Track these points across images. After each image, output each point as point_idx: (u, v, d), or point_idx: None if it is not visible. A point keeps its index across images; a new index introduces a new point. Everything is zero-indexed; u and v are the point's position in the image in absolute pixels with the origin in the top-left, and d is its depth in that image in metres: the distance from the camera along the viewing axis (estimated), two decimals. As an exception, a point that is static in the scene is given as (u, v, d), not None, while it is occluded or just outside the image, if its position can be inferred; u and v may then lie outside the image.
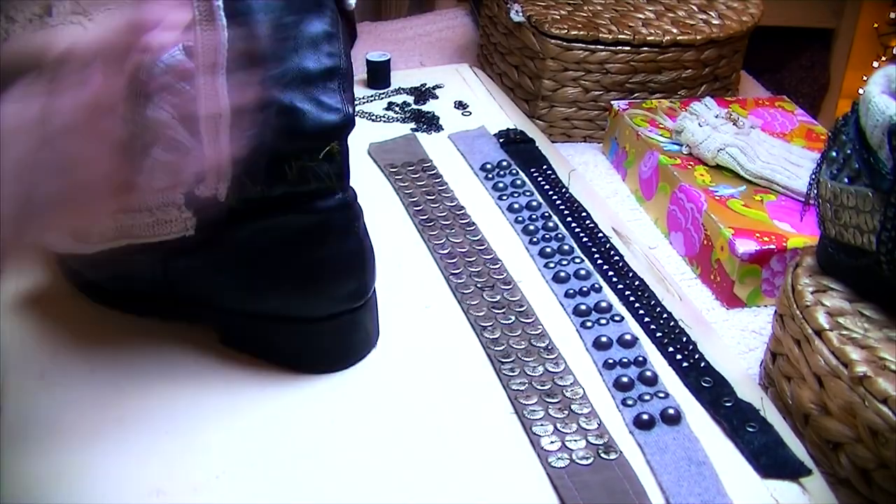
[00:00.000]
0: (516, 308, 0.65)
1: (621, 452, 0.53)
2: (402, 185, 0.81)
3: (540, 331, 0.63)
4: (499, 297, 0.66)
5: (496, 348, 0.62)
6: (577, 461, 0.53)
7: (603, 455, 0.53)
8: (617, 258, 0.72)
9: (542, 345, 0.62)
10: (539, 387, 0.58)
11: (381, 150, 0.88)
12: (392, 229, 0.73)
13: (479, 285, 0.68)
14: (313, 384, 0.58)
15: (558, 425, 0.55)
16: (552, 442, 0.54)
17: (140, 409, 0.55)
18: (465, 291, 0.67)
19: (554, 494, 0.51)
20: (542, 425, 0.55)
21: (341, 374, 0.59)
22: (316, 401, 0.57)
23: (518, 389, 0.58)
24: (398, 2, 1.75)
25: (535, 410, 0.56)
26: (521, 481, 0.52)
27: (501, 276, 0.69)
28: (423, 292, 0.68)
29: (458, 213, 0.77)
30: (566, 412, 0.56)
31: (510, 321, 0.64)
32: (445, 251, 0.72)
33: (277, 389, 0.57)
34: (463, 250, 0.72)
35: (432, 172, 0.83)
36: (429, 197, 0.79)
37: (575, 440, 0.54)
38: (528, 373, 0.59)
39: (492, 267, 0.70)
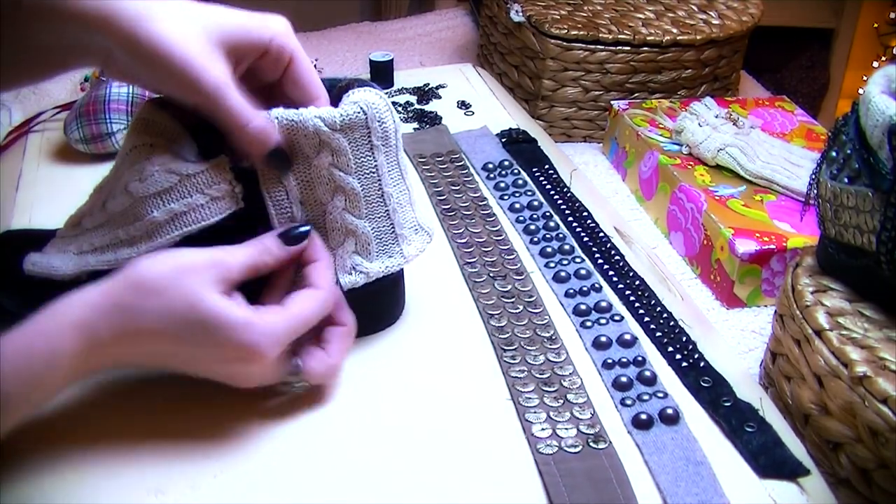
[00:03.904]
0: (525, 298, 0.66)
1: (611, 443, 0.54)
2: (429, 174, 0.82)
3: (546, 321, 0.64)
4: (510, 287, 0.67)
5: (501, 336, 0.62)
6: (566, 449, 0.53)
7: (592, 444, 0.53)
8: (618, 258, 0.72)
9: (547, 335, 0.62)
10: (538, 375, 0.59)
11: (412, 140, 0.89)
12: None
13: (491, 275, 0.69)
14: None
15: (551, 413, 0.56)
16: (543, 429, 0.55)
17: (139, 409, 0.55)
18: (478, 280, 0.68)
19: (539, 480, 0.52)
20: (535, 412, 0.56)
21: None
22: (313, 397, 0.57)
23: (517, 377, 0.59)
24: (398, 2, 1.75)
25: (530, 398, 0.57)
26: (509, 466, 0.53)
27: (515, 267, 0.70)
28: (435, 281, 0.68)
29: (480, 203, 0.78)
30: (561, 401, 0.57)
31: (518, 310, 0.65)
32: (463, 240, 0.73)
33: (274, 387, 0.57)
34: (480, 240, 0.73)
35: (460, 164, 0.84)
36: (453, 187, 0.80)
37: (566, 429, 0.55)
38: (529, 361, 0.60)
39: (507, 258, 0.71)
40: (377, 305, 0.62)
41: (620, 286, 0.69)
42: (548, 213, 0.77)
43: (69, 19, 0.49)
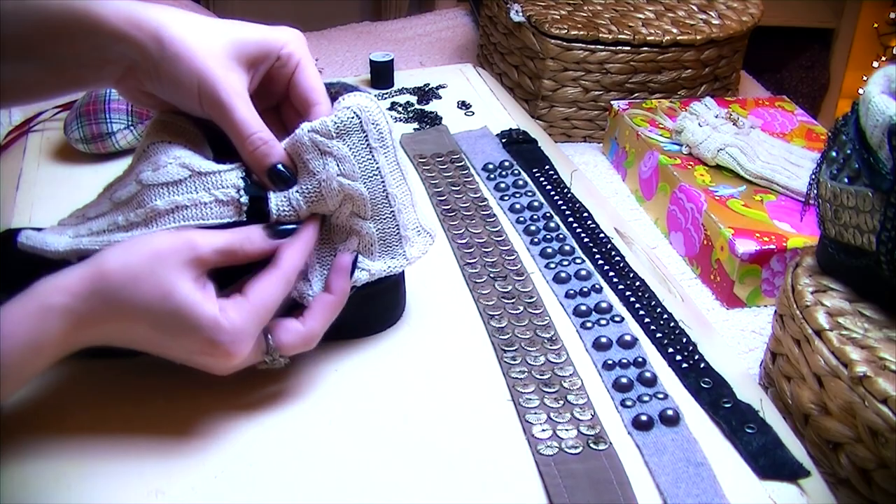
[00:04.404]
0: (526, 299, 0.66)
1: (611, 444, 0.54)
2: (429, 175, 0.82)
3: (546, 322, 0.64)
4: (510, 288, 0.67)
5: (501, 337, 0.62)
6: (566, 450, 0.53)
7: (592, 445, 0.53)
8: (618, 258, 0.72)
9: (547, 335, 0.62)
10: (538, 376, 0.59)
11: (413, 140, 0.89)
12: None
13: (491, 275, 0.69)
14: (310, 379, 0.58)
15: (552, 414, 0.56)
16: (544, 430, 0.55)
17: (139, 409, 0.55)
18: (478, 281, 0.68)
19: (539, 481, 0.52)
20: (535, 413, 0.56)
21: (339, 368, 0.59)
22: (313, 398, 0.57)
23: (517, 378, 0.59)
24: (398, 2, 1.75)
25: (530, 399, 0.57)
26: (509, 467, 0.53)
27: (515, 268, 0.70)
28: (435, 281, 0.68)
29: (480, 204, 0.78)
30: (561, 402, 0.57)
31: (518, 311, 0.65)
32: (463, 241, 0.73)
33: (275, 388, 0.57)
34: (481, 241, 0.73)
35: (460, 164, 0.84)
36: (453, 188, 0.80)
37: (567, 430, 0.55)
38: (530, 362, 0.60)
39: (507, 258, 0.71)
40: (378, 306, 0.62)
41: (621, 287, 0.69)
42: (548, 214, 0.77)
43: (94, 29, 0.50)
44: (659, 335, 0.64)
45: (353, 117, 0.54)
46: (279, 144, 0.54)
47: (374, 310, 0.61)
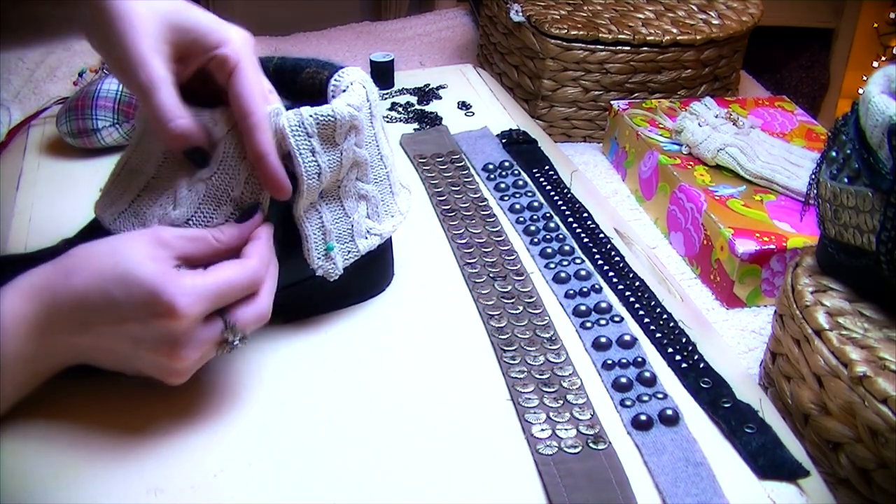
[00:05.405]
0: (525, 299, 0.66)
1: (610, 444, 0.54)
2: (429, 175, 0.83)
3: (546, 322, 0.64)
4: (510, 288, 0.67)
5: (500, 336, 0.62)
6: (566, 449, 0.53)
7: (591, 445, 0.53)
8: (618, 259, 0.72)
9: (547, 335, 0.62)
10: (538, 376, 0.59)
11: (413, 140, 0.89)
12: (412, 218, 0.74)
13: (491, 275, 0.69)
14: (311, 379, 0.58)
15: (551, 414, 0.56)
16: (543, 430, 0.55)
17: (138, 408, 0.55)
18: (478, 281, 0.68)
19: (538, 480, 0.52)
20: (535, 413, 0.56)
21: (339, 368, 0.59)
22: (314, 398, 0.57)
23: (516, 377, 0.59)
24: (398, 2, 1.75)
25: (530, 398, 0.57)
26: (508, 466, 0.53)
27: (515, 268, 0.70)
28: (435, 281, 0.68)
29: (480, 204, 0.78)
30: (561, 402, 0.57)
31: (518, 311, 0.65)
32: (463, 241, 0.73)
33: (275, 388, 0.57)
34: (481, 241, 0.73)
35: (460, 164, 0.84)
36: (453, 188, 0.80)
37: (566, 429, 0.55)
38: (529, 362, 0.60)
39: (507, 258, 0.71)
40: (373, 271, 0.65)
41: (620, 287, 0.69)
42: (548, 214, 0.77)
43: None
44: (658, 335, 0.64)
45: (363, 90, 0.59)
46: (197, 130, 0.53)
47: (368, 276, 0.64)
